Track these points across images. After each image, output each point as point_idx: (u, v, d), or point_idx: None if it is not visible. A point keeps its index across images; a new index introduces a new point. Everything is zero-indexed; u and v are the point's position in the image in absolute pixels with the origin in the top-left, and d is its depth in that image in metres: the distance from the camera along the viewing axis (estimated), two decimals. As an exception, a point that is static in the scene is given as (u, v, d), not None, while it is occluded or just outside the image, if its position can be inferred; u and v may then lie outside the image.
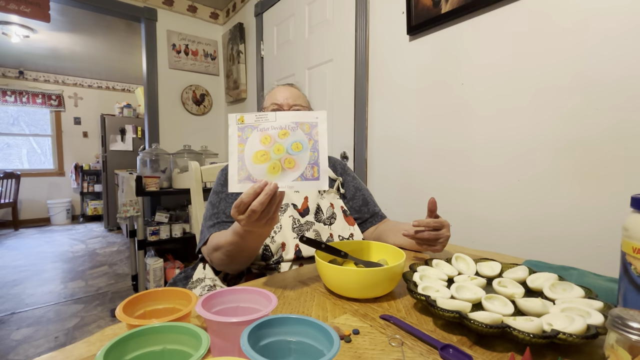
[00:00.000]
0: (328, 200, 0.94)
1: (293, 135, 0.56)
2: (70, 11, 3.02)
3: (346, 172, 1.04)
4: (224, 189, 0.89)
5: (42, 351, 1.73)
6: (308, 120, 0.57)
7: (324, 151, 0.56)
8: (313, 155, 0.56)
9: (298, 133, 0.57)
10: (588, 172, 0.91)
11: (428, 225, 0.75)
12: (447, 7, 1.21)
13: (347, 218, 0.93)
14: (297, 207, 0.89)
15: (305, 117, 0.57)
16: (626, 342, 0.30)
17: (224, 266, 0.77)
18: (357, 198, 0.99)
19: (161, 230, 2.35)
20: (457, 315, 0.44)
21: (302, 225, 0.85)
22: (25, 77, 4.85)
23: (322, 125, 0.57)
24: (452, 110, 1.25)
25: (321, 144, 0.56)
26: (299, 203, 0.90)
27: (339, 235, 0.88)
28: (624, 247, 0.42)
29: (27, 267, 3.03)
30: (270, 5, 2.38)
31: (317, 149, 0.56)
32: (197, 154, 2.50)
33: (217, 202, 0.87)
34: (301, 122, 0.57)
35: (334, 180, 1.00)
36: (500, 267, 0.63)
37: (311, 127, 0.57)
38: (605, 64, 0.87)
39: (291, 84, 0.99)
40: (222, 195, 0.87)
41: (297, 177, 0.56)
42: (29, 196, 4.96)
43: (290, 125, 0.57)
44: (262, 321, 0.36)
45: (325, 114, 0.57)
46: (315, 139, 0.57)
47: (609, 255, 0.88)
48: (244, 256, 0.72)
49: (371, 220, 0.98)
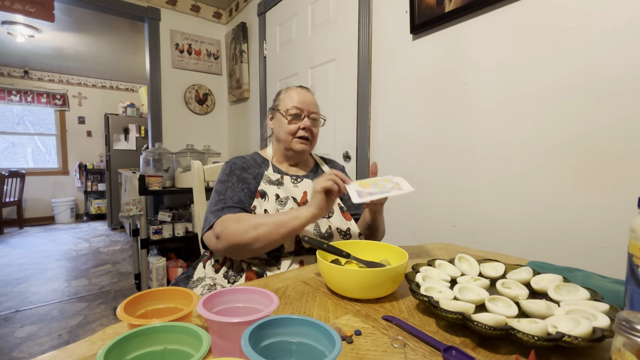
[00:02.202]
0: None
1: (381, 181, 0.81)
2: (75, 11, 3.04)
3: (345, 174, 1.06)
4: (230, 178, 0.90)
5: (46, 349, 1.74)
6: (399, 193, 0.76)
7: (402, 180, 0.80)
8: (396, 183, 0.80)
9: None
10: (593, 172, 0.90)
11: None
12: (451, 6, 1.20)
13: (344, 214, 0.95)
14: (296, 200, 0.91)
15: (397, 191, 0.75)
16: (634, 346, 0.29)
17: (247, 247, 0.76)
18: None
19: (164, 229, 2.35)
20: (460, 316, 0.44)
21: None
22: (30, 77, 4.88)
23: (405, 185, 0.78)
24: (456, 109, 1.25)
25: (400, 180, 0.80)
26: (299, 197, 0.92)
27: (337, 228, 0.90)
28: (631, 248, 0.42)
29: (32, 265, 3.06)
30: (273, 5, 2.38)
31: (398, 182, 0.80)
32: (200, 153, 2.50)
33: (223, 190, 0.88)
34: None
35: None
36: (504, 268, 0.63)
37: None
38: (611, 63, 0.86)
39: (307, 87, 1.01)
40: (229, 184, 0.89)
41: (388, 189, 0.77)
42: (33, 195, 4.99)
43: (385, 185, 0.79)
44: (264, 321, 0.36)
45: (407, 185, 0.77)
46: (396, 181, 0.80)
47: (615, 257, 0.87)
48: (278, 242, 0.77)
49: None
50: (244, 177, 0.91)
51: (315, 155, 1.10)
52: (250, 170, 0.94)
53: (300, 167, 1.01)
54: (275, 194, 0.90)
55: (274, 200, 0.88)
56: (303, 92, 0.97)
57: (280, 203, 0.88)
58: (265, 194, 0.89)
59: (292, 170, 1.00)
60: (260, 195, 0.89)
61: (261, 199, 0.89)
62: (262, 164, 0.98)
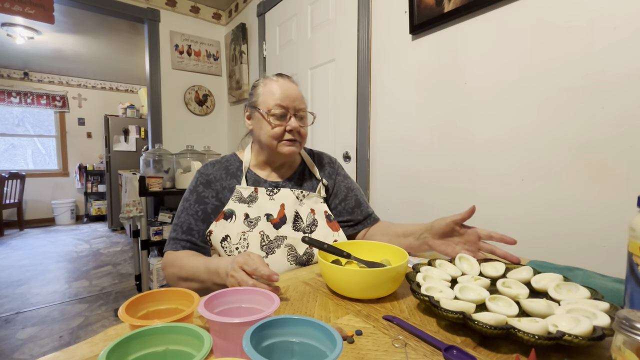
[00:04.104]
0: (308, 206, 0.87)
1: None
2: (74, 13, 3.04)
3: (337, 171, 0.97)
4: (190, 196, 0.83)
5: (47, 350, 1.74)
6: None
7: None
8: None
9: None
10: (593, 171, 0.91)
11: (503, 239, 0.66)
12: (450, 6, 1.20)
13: (330, 223, 0.86)
14: (272, 217, 0.81)
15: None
16: (633, 344, 0.29)
17: (173, 283, 0.76)
18: (350, 199, 0.93)
19: (164, 230, 2.35)
20: (461, 316, 0.44)
21: (272, 242, 0.79)
22: (29, 79, 4.88)
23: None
24: (456, 109, 1.25)
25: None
26: (275, 212, 0.82)
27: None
28: (630, 247, 0.42)
29: (32, 267, 3.06)
30: (273, 6, 2.38)
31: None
32: (200, 154, 2.50)
33: (181, 210, 0.83)
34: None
35: (317, 182, 0.92)
36: (504, 268, 0.63)
37: None
38: (612, 62, 0.86)
39: (289, 76, 0.86)
40: (186, 205, 0.83)
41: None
42: (33, 196, 4.99)
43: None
44: (265, 322, 0.36)
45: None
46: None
47: (614, 256, 0.87)
48: (199, 289, 0.71)
49: (364, 222, 0.93)
50: (204, 196, 0.83)
51: (302, 151, 0.96)
52: (215, 185, 0.84)
53: (284, 170, 0.90)
54: (245, 213, 0.81)
55: (241, 221, 0.80)
56: (285, 84, 0.82)
57: (249, 224, 0.80)
58: (232, 213, 0.80)
59: (272, 175, 0.89)
60: (225, 216, 0.80)
61: (225, 220, 0.80)
62: (237, 171, 0.87)
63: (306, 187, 0.90)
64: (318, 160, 0.97)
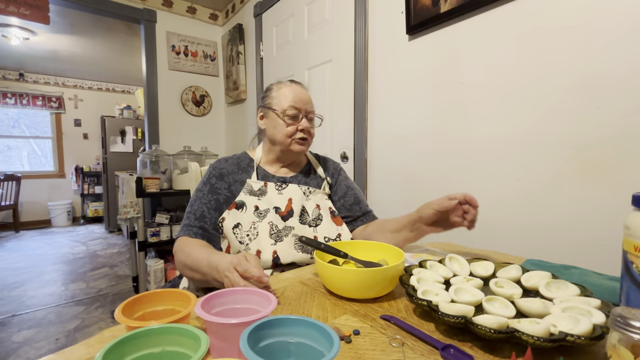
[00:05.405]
0: (314, 201, 0.92)
1: None
2: (70, 13, 3.02)
3: (339, 172, 1.03)
4: (204, 187, 0.88)
5: (43, 353, 1.73)
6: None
7: None
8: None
9: None
10: (589, 170, 0.91)
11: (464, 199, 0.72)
12: (447, 7, 1.21)
13: (334, 219, 0.91)
14: (279, 210, 0.87)
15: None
16: (628, 342, 0.29)
17: (180, 269, 0.77)
18: (349, 196, 0.98)
19: (162, 232, 2.34)
20: (462, 320, 0.43)
21: (281, 231, 0.84)
22: (25, 79, 4.85)
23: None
24: (452, 109, 1.25)
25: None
26: (283, 205, 0.88)
27: (325, 237, 0.87)
28: (625, 245, 0.42)
29: (28, 269, 3.04)
30: (270, 6, 2.38)
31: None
32: (197, 155, 2.50)
33: (194, 199, 0.87)
34: None
35: (322, 180, 0.98)
36: (493, 267, 0.63)
37: None
38: (607, 62, 0.87)
39: (299, 82, 0.94)
40: (200, 194, 0.87)
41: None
42: (29, 198, 4.96)
43: None
44: (262, 322, 0.36)
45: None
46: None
47: (610, 254, 0.87)
48: (202, 281, 0.73)
49: (362, 218, 0.97)
50: (217, 187, 0.88)
51: (309, 153, 1.03)
52: (227, 178, 0.90)
53: (291, 167, 0.97)
54: (255, 205, 0.86)
55: (252, 212, 0.85)
56: (298, 89, 0.90)
57: (259, 215, 0.85)
58: (244, 204, 0.86)
59: (281, 171, 0.95)
60: (237, 207, 0.86)
61: (237, 210, 0.85)
62: (248, 167, 0.93)
63: (312, 184, 0.96)
64: (323, 162, 1.04)
